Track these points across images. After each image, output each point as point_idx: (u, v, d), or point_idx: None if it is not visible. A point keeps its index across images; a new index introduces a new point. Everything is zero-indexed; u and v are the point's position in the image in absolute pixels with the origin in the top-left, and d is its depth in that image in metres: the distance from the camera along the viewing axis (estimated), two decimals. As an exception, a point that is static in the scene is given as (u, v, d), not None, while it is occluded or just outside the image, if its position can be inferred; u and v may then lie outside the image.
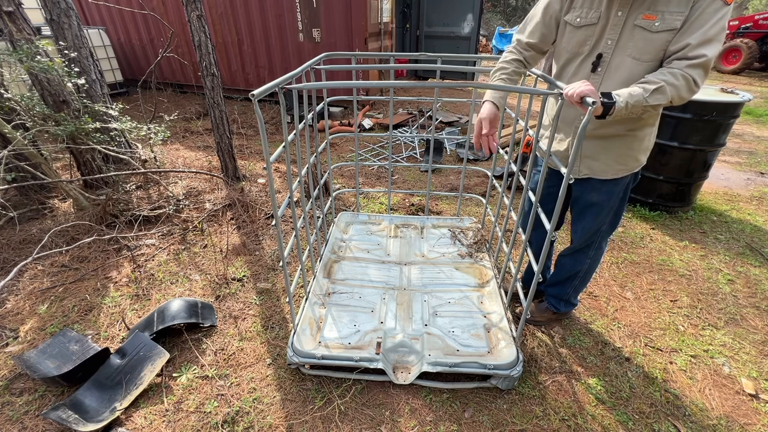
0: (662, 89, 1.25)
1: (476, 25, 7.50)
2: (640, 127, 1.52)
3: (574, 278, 1.96)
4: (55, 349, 1.87)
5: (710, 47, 1.24)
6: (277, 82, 1.43)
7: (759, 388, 1.84)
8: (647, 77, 1.30)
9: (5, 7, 2.75)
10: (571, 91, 1.30)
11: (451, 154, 4.71)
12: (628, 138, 1.54)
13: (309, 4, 5.74)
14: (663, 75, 1.27)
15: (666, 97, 1.26)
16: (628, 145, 1.55)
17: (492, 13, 23.91)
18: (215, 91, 3.21)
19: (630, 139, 1.55)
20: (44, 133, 3.01)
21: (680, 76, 1.25)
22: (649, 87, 1.26)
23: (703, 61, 1.25)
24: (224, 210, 3.22)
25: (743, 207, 3.48)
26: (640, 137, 1.55)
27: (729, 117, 2.91)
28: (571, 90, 1.30)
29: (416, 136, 4.04)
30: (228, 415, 1.69)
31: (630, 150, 1.56)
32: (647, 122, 1.52)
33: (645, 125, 1.53)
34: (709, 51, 1.24)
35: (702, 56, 1.24)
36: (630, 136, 1.54)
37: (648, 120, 1.52)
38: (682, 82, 1.25)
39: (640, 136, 1.55)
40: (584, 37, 1.46)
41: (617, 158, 1.58)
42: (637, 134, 1.54)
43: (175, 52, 6.86)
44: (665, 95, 1.26)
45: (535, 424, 1.67)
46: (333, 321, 1.97)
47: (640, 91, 1.26)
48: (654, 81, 1.26)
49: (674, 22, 1.27)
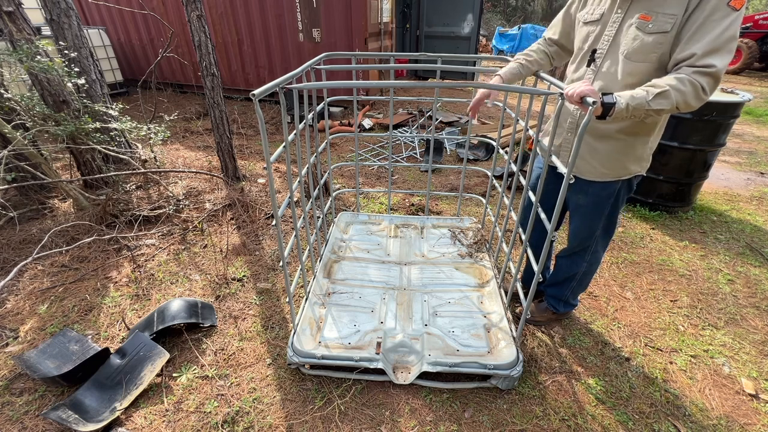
0: (666, 94, 1.20)
1: (476, 25, 7.50)
2: (632, 133, 1.49)
3: (571, 280, 1.95)
4: (55, 349, 1.87)
5: (718, 57, 1.18)
6: (278, 82, 1.43)
7: (759, 388, 1.84)
8: (654, 81, 1.25)
9: (5, 7, 2.75)
10: (571, 91, 1.29)
11: (451, 154, 4.71)
12: (618, 143, 1.52)
13: (309, 4, 5.74)
14: (669, 80, 1.22)
15: (670, 102, 1.21)
16: (617, 150, 1.53)
17: (492, 13, 23.91)
18: (215, 91, 3.21)
19: (620, 144, 1.52)
20: (44, 133, 3.01)
21: (687, 82, 1.20)
22: (653, 90, 1.21)
23: (711, 72, 1.19)
24: (224, 210, 3.22)
25: (743, 207, 3.48)
26: (631, 144, 1.51)
27: (729, 117, 2.91)
28: (572, 90, 1.29)
29: (416, 136, 4.05)
30: (228, 415, 1.69)
31: (618, 155, 1.54)
32: (641, 130, 1.48)
33: (638, 133, 1.49)
34: (717, 61, 1.18)
35: (710, 66, 1.18)
36: (620, 140, 1.51)
37: (642, 128, 1.48)
38: (689, 88, 1.20)
39: (632, 143, 1.51)
40: (587, 33, 1.51)
41: (603, 161, 1.57)
42: (628, 140, 1.51)
43: (175, 52, 6.86)
44: (669, 100, 1.20)
45: (535, 424, 1.67)
46: (333, 321, 1.97)
47: (644, 94, 1.22)
48: (659, 85, 1.22)
49: (665, 25, 1.26)
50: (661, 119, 1.48)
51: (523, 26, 13.69)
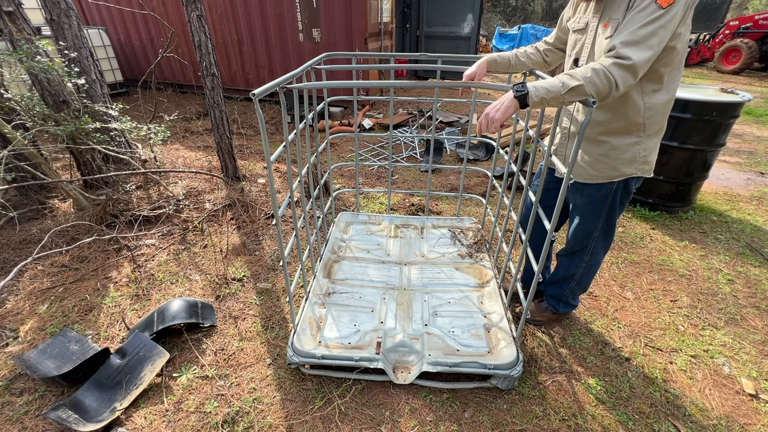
0: (579, 89, 1.22)
1: (476, 25, 7.50)
2: (614, 133, 1.50)
3: (570, 280, 1.95)
4: (55, 349, 1.87)
5: (635, 50, 1.20)
6: (278, 81, 1.43)
7: (759, 388, 1.84)
8: (573, 71, 1.26)
9: (5, 7, 2.75)
10: (484, 124, 1.36)
11: (451, 154, 4.71)
12: (603, 145, 1.54)
13: (309, 4, 5.74)
14: (586, 72, 1.23)
15: (584, 96, 1.24)
16: (604, 152, 1.55)
17: (492, 13, 23.91)
18: (215, 91, 3.21)
19: (604, 147, 1.54)
20: (44, 133, 3.01)
21: (603, 76, 1.21)
22: (568, 84, 1.23)
23: (627, 64, 1.20)
24: (224, 210, 3.22)
25: (743, 207, 3.48)
26: (617, 146, 1.51)
27: (729, 117, 2.91)
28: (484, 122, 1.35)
29: (416, 136, 4.05)
30: (228, 415, 1.69)
31: (606, 158, 1.55)
32: (623, 130, 1.49)
33: (621, 133, 1.49)
34: (634, 54, 1.20)
35: (626, 58, 1.20)
36: (603, 143, 1.53)
37: (624, 128, 1.48)
38: (603, 83, 1.22)
39: (616, 145, 1.51)
40: (573, 41, 1.57)
41: (592, 163, 1.59)
42: (612, 142, 1.51)
43: (175, 52, 6.86)
44: (582, 95, 1.23)
45: (535, 424, 1.67)
46: (333, 321, 1.97)
47: (559, 87, 1.24)
48: (576, 78, 1.23)
49: (615, 31, 1.31)
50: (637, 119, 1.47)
51: (523, 26, 13.70)
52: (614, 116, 1.48)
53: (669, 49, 1.29)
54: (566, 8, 1.69)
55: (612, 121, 1.49)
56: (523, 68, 1.90)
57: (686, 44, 1.35)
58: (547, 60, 1.86)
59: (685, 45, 1.34)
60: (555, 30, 1.79)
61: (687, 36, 1.32)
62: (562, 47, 1.79)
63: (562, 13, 1.73)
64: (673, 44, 1.28)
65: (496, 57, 1.87)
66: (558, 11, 4.11)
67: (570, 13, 1.64)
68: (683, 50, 1.35)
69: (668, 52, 1.30)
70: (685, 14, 1.25)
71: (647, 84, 1.39)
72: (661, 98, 1.42)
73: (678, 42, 1.29)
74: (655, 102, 1.42)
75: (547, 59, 1.85)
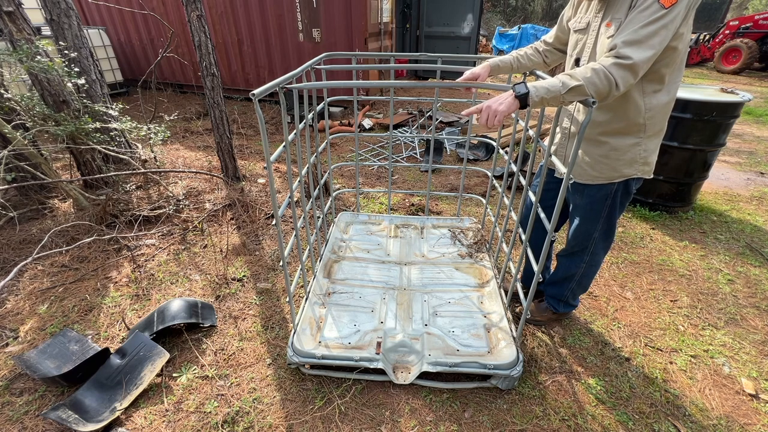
0: (580, 89, 1.22)
1: (476, 25, 7.50)
2: (613, 134, 1.50)
3: (570, 280, 1.95)
4: (55, 349, 1.87)
5: (636, 49, 1.20)
6: (278, 81, 1.43)
7: (759, 388, 1.84)
8: (573, 71, 1.26)
9: (5, 7, 2.75)
10: (483, 119, 1.33)
11: (451, 154, 4.71)
12: (603, 146, 1.54)
13: (309, 4, 5.74)
14: (587, 72, 1.23)
15: (584, 96, 1.23)
16: (604, 153, 1.54)
17: (492, 13, 23.92)
18: (215, 91, 3.21)
19: (605, 148, 1.53)
20: (44, 133, 3.01)
21: (603, 76, 1.21)
22: (568, 83, 1.23)
23: (628, 64, 1.20)
24: (224, 210, 3.22)
25: (743, 207, 3.48)
26: (617, 147, 1.51)
27: (729, 117, 2.91)
28: (484, 117, 1.33)
29: (416, 136, 4.05)
30: (228, 415, 1.69)
31: (606, 159, 1.55)
32: (624, 130, 1.48)
33: (622, 133, 1.49)
34: (634, 53, 1.19)
35: (627, 57, 1.20)
36: (604, 144, 1.53)
37: (625, 129, 1.47)
38: (603, 83, 1.22)
39: (616, 145, 1.51)
40: (575, 41, 1.56)
41: (591, 164, 1.59)
42: (612, 143, 1.51)
43: (175, 52, 6.86)
44: (582, 95, 1.23)
45: (535, 424, 1.67)
46: (333, 321, 1.97)
47: (559, 87, 1.23)
48: (576, 78, 1.23)
49: (617, 30, 1.30)
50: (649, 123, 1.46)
51: (523, 26, 13.71)
52: (615, 117, 1.48)
53: (670, 49, 1.29)
54: (566, 8, 1.68)
55: (612, 121, 1.49)
56: (524, 70, 1.91)
57: (687, 45, 1.34)
58: (546, 61, 1.86)
59: (687, 45, 1.34)
60: (554, 30, 1.78)
61: (688, 36, 1.32)
62: (561, 48, 1.78)
63: (561, 13, 1.73)
64: (674, 44, 1.28)
65: (498, 62, 1.86)
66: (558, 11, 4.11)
67: (570, 13, 1.63)
68: (684, 51, 1.34)
69: (670, 52, 1.30)
70: (687, 14, 1.24)
71: (648, 84, 1.39)
72: (661, 99, 1.42)
73: (679, 42, 1.29)
74: (656, 102, 1.42)
75: (546, 60, 1.86)
